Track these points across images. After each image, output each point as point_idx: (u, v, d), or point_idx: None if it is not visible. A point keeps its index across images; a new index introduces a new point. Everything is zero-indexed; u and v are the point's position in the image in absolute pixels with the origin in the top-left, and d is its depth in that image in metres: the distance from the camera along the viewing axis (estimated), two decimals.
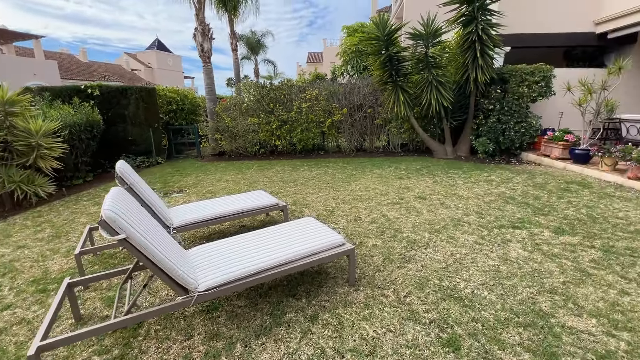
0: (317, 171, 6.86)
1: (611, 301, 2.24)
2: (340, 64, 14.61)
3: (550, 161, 6.93)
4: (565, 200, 4.51)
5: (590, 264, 2.78)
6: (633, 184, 5.00)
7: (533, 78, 7.21)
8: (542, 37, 8.35)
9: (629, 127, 7.25)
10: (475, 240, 3.26)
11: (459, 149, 8.22)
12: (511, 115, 7.44)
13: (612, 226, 3.58)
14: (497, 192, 4.98)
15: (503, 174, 6.13)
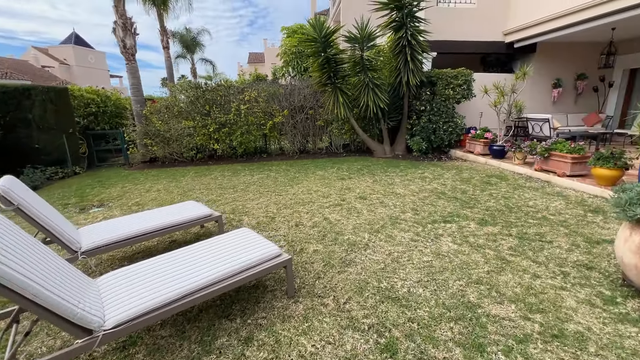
0: (259, 175, 6.63)
1: (526, 285, 2.46)
2: (282, 65, 14.46)
3: (474, 157, 7.63)
4: (487, 192, 4.96)
5: (508, 251, 3.05)
6: (539, 175, 5.71)
7: (457, 81, 7.87)
8: (462, 44, 9.18)
9: (534, 125, 8.33)
10: (411, 238, 3.39)
11: (396, 148, 8.64)
12: (440, 115, 8.04)
13: (525, 214, 4.02)
14: (430, 188, 5.29)
15: (435, 171, 6.57)
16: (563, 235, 3.39)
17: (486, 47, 9.37)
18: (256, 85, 8.80)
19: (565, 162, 5.27)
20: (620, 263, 2.27)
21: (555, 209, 4.15)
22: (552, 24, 7.85)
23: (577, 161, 5.21)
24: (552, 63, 9.54)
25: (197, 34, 25.49)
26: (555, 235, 3.37)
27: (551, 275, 2.60)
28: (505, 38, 9.27)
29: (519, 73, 6.67)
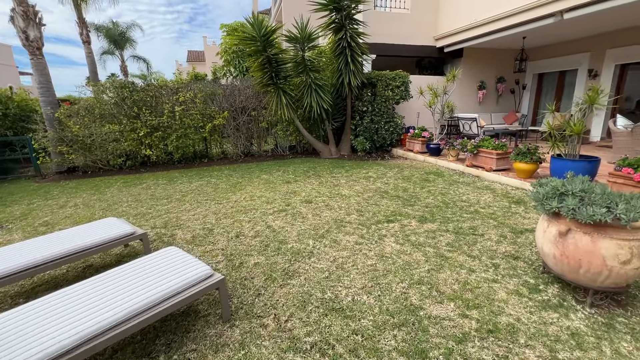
0: (199, 182, 6.15)
1: (463, 281, 2.55)
2: (222, 64, 13.76)
3: (414, 155, 8.02)
4: (426, 190, 5.19)
5: (446, 247, 3.16)
6: (470, 171, 6.17)
7: (395, 83, 8.19)
8: (399, 47, 9.60)
9: (464, 124, 9.02)
10: (355, 241, 3.34)
11: (341, 148, 8.72)
12: (381, 116, 8.29)
13: (459, 209, 4.26)
14: (374, 187, 5.38)
15: (379, 170, 6.73)
16: (492, 227, 3.63)
17: (420, 50, 9.93)
18: (192, 85, 8.20)
19: (492, 158, 5.75)
20: (541, 252, 2.45)
21: (485, 202, 4.47)
22: (473, 32, 8.58)
23: (501, 157, 5.72)
24: (477, 67, 10.46)
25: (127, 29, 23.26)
26: (486, 228, 3.60)
27: (484, 269, 2.73)
28: (436, 43, 9.93)
29: (449, 75, 7.15)
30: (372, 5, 9.20)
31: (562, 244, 2.20)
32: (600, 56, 8.79)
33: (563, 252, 2.20)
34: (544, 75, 10.77)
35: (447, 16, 9.50)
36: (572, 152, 4.47)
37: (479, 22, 8.26)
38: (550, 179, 2.46)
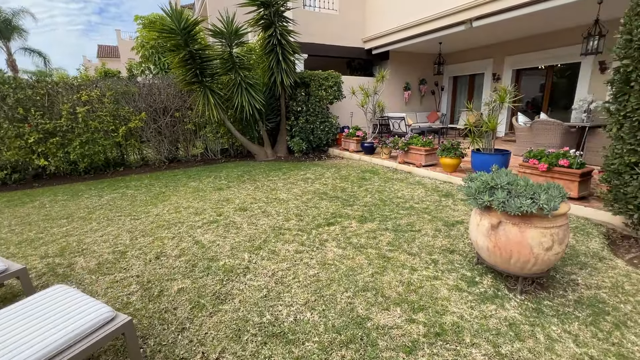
0: (111, 195, 5.25)
1: (406, 282, 2.49)
2: (140, 61, 12.28)
3: (350, 154, 8.11)
4: (363, 188, 5.20)
5: (387, 247, 3.12)
6: (402, 167, 6.42)
7: (328, 83, 8.18)
8: (330, 48, 9.66)
9: (393, 123, 9.47)
10: (296, 249, 3.10)
11: (278, 150, 8.41)
12: (316, 116, 8.21)
13: (396, 206, 4.32)
14: (312, 189, 5.21)
15: (317, 171, 6.61)
16: (427, 221, 3.73)
17: (350, 52, 10.15)
18: (100, 82, 7.04)
19: (421, 154, 6.06)
20: (475, 245, 2.51)
21: (419, 197, 4.63)
22: (396, 36, 9.03)
23: (429, 153, 6.05)
24: (402, 69, 11.10)
25: (13, 16, 19.51)
26: (422, 223, 3.68)
27: (425, 266, 2.73)
28: (365, 45, 10.26)
29: (378, 76, 7.38)
30: (301, 3, 9.07)
31: (494, 236, 2.27)
32: (501, 62, 10.04)
33: (496, 243, 2.26)
34: (458, 78, 11.94)
35: (373, 20, 9.87)
36: (489, 147, 4.90)
37: (401, 27, 8.73)
38: (480, 173, 2.54)
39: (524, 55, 9.30)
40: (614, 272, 2.56)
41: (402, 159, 6.51)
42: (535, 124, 6.11)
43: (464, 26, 7.18)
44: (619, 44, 2.65)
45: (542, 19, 7.09)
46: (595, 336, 1.90)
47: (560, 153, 4.05)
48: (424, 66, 11.59)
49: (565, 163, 3.90)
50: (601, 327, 1.97)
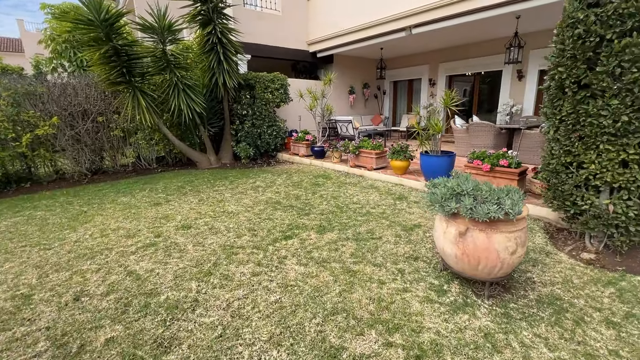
0: (12, 220, 4.26)
1: (377, 298, 2.33)
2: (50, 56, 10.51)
3: (300, 159, 7.89)
4: (318, 195, 5.01)
5: (351, 259, 2.95)
6: (354, 171, 6.40)
7: (274, 85, 7.86)
8: (275, 49, 9.34)
9: (341, 126, 9.50)
10: (252, 271, 2.76)
11: (222, 156, 7.83)
12: (263, 119, 7.83)
13: (353, 212, 4.21)
14: (264, 199, 4.86)
15: (267, 178, 6.24)
16: (386, 227, 3.67)
17: (295, 54, 9.95)
18: None
19: (372, 158, 6.09)
20: (442, 253, 2.46)
21: (374, 202, 4.59)
22: (339, 40, 9.08)
23: (379, 156, 6.11)
24: (347, 73, 11.24)
25: None
26: (381, 230, 3.60)
27: (392, 277, 2.61)
28: (310, 48, 10.15)
29: (325, 79, 7.29)
30: (241, 1, 8.60)
31: (462, 244, 2.22)
32: (436, 68, 10.75)
33: (464, 251, 2.22)
34: (398, 82, 12.52)
35: (316, 23, 9.81)
36: (436, 149, 5.08)
37: (344, 31, 8.79)
38: (443, 179, 2.50)
39: (456, 62, 10.07)
40: (561, 267, 2.73)
41: (354, 162, 6.49)
42: (471, 126, 6.57)
43: (405, 33, 7.47)
44: (554, 52, 2.86)
45: (470, 30, 7.70)
46: (562, 337, 1.93)
47: (499, 154, 4.33)
48: (367, 70, 11.91)
49: (505, 163, 4.18)
50: (565, 326, 2.02)
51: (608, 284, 2.44)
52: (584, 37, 2.60)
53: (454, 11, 6.33)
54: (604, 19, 2.48)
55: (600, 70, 2.55)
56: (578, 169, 2.92)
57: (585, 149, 2.80)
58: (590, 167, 2.78)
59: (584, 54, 2.63)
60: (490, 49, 9.05)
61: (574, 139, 2.85)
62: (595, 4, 2.55)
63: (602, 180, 2.74)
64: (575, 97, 2.76)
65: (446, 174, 5.01)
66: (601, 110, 2.62)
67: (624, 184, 2.65)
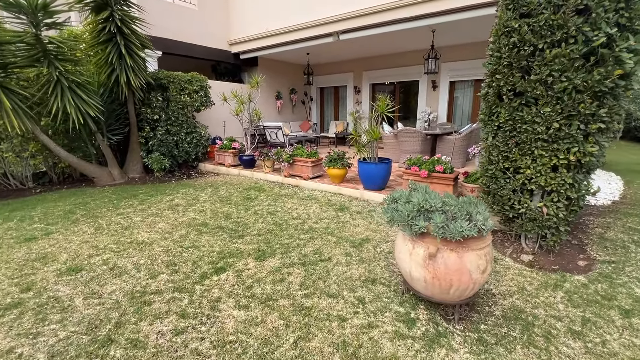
0: None
1: (341, 343, 1.91)
2: None
3: (226, 169, 7.08)
4: (252, 211, 4.40)
5: (301, 291, 2.48)
6: (289, 181, 5.94)
7: (192, 87, 6.92)
8: (192, 47, 8.30)
9: (270, 133, 8.98)
10: (174, 327, 2.07)
11: (129, 169, 6.52)
12: (180, 125, 6.81)
13: (294, 229, 3.74)
14: (187, 220, 4.04)
15: (188, 193, 5.33)
16: (334, 244, 3.30)
17: (215, 54, 9.05)
18: None
19: (307, 167, 5.72)
20: (407, 277, 2.18)
21: (316, 215, 4.20)
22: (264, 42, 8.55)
23: (315, 164, 5.79)
24: (273, 77, 10.75)
25: None
26: (329, 248, 3.22)
27: (353, 310, 2.23)
28: (232, 48, 9.37)
29: (252, 82, 6.70)
30: None
31: (432, 266, 1.96)
32: (360, 76, 11.06)
33: (435, 274, 1.96)
34: (324, 89, 12.55)
35: (239, 22, 9.10)
36: (373, 156, 4.97)
37: (270, 33, 8.32)
38: (401, 192, 2.23)
39: (379, 71, 10.50)
40: (512, 273, 2.73)
41: (288, 172, 6.03)
42: (400, 132, 6.76)
43: (332, 38, 7.37)
44: (491, 60, 2.90)
45: (393, 41, 8.04)
46: (540, 358, 1.80)
47: (435, 160, 4.40)
48: (294, 76, 11.62)
49: (440, 169, 4.24)
50: (538, 345, 1.90)
51: (556, 288, 2.49)
52: (519, 45, 2.66)
53: (377, 20, 6.43)
54: (536, 29, 2.55)
55: (534, 78, 2.63)
56: (514, 174, 3.01)
57: (522, 154, 2.88)
58: (526, 172, 2.87)
59: (519, 62, 2.69)
60: (410, 59, 9.64)
61: (512, 145, 2.92)
62: (527, 14, 2.62)
63: (537, 184, 2.85)
64: (511, 104, 2.82)
65: (383, 180, 4.94)
66: (535, 117, 2.71)
67: (555, 187, 2.78)
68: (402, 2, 5.96)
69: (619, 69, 2.36)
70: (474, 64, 8.69)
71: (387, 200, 2.24)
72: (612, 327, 2.04)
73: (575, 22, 2.38)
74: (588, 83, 2.43)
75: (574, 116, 2.57)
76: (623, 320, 2.11)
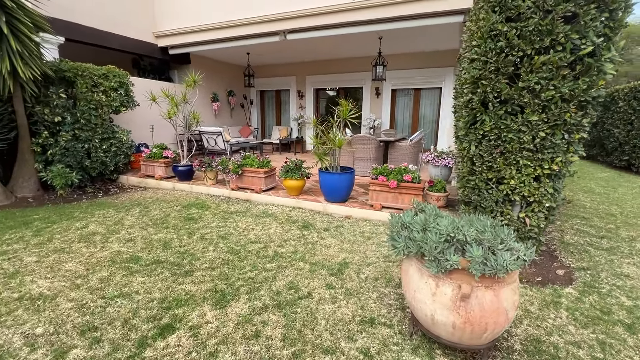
0: None
1: None
2: None
3: (157, 182, 5.95)
4: (198, 236, 3.59)
5: (287, 349, 1.89)
6: (238, 195, 5.18)
7: (109, 83, 5.65)
8: (106, 36, 6.88)
9: (208, 139, 7.98)
10: None
11: (18, 187, 4.98)
12: (93, 130, 5.49)
13: (256, 256, 3.10)
14: (108, 255, 3.06)
15: (107, 216, 4.20)
16: (309, 274, 2.77)
17: (137, 47, 7.69)
18: None
19: (260, 178, 5.06)
20: (426, 321, 1.77)
21: (278, 237, 3.60)
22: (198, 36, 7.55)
23: (268, 175, 5.15)
24: (208, 77, 9.68)
25: None
26: (305, 280, 2.67)
27: None
28: (158, 41, 8.10)
29: (189, 80, 5.75)
30: None
31: (464, 309, 1.58)
32: (303, 80, 10.69)
33: (467, 318, 1.58)
34: (265, 92, 11.86)
35: (168, 10, 7.90)
36: (335, 165, 4.57)
37: (205, 27, 7.37)
38: (409, 214, 1.82)
39: (323, 76, 10.27)
40: None
41: (236, 184, 5.26)
42: (355, 139, 6.53)
43: (279, 37, 6.82)
44: (476, 65, 2.72)
45: (340, 44, 7.85)
46: None
47: (402, 169, 4.18)
48: (231, 76, 10.69)
49: (409, 178, 4.04)
50: None
51: (556, 306, 2.36)
52: (507, 51, 2.52)
53: (329, 21, 6.11)
54: (525, 34, 2.43)
55: (521, 85, 2.51)
56: (497, 184, 2.88)
57: (506, 164, 2.76)
58: (511, 182, 2.75)
59: (506, 68, 2.55)
60: (355, 66, 9.61)
61: (496, 155, 2.78)
62: (514, 18, 2.49)
63: (520, 194, 2.76)
64: (497, 112, 2.68)
65: (347, 192, 4.57)
66: (522, 126, 2.60)
67: (537, 197, 2.71)
68: (356, 4, 5.74)
69: (602, 79, 2.35)
70: (413, 73, 9.04)
71: (394, 224, 1.81)
72: (628, 349, 1.94)
73: (564, 29, 2.30)
74: (575, 92, 2.38)
75: (558, 125, 2.51)
76: (631, 337, 2.04)
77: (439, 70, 8.72)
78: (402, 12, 5.50)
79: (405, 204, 4.09)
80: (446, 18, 5.37)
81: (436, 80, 8.85)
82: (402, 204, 4.10)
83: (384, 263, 3.02)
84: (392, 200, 4.16)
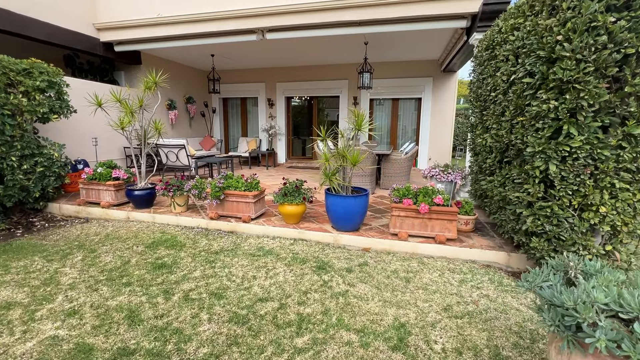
0: None
1: None
2: None
3: (105, 212, 4.60)
4: (179, 296, 2.52)
5: None
6: (219, 225, 4.11)
7: (33, 82, 4.24)
8: (29, 22, 5.34)
9: (168, 153, 6.70)
10: None
11: None
12: (9, 144, 4.03)
13: (273, 325, 2.17)
14: (33, 350, 1.89)
15: (31, 270, 2.89)
16: (363, 354, 1.93)
17: (74, 40, 6.18)
18: None
19: (247, 203, 4.06)
20: None
21: (294, 289, 2.69)
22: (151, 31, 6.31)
23: (258, 199, 4.18)
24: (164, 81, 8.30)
25: None
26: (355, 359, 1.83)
27: None
28: (101, 35, 6.64)
29: (148, 82, 4.57)
30: None
31: None
32: (273, 87, 9.80)
33: None
34: (229, 100, 10.71)
35: None
36: (347, 185, 3.78)
37: (162, 20, 6.17)
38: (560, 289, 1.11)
39: (296, 83, 9.50)
40: None
41: (216, 212, 4.18)
42: None
43: (256, 36, 5.91)
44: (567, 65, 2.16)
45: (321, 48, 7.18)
46: None
47: (429, 189, 3.54)
48: (190, 81, 9.41)
49: (440, 200, 3.40)
50: None
51: None
52: (610, 47, 2.00)
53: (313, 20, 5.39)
54: (637, 26, 1.93)
55: (628, 90, 2.00)
56: (581, 211, 2.34)
57: (596, 187, 2.23)
58: (601, 209, 2.22)
59: (609, 70, 2.02)
60: (331, 73, 9.01)
61: (585, 176, 2.23)
62: (623, 5, 1.98)
63: (611, 224, 2.24)
64: (589, 123, 2.14)
65: (362, 218, 3.80)
66: (622, 141, 2.09)
67: (632, 227, 2.22)
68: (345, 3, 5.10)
69: None
70: (392, 82, 8.70)
71: (532, 280, 1.08)
72: None
73: None
74: None
75: None
76: None
77: (419, 80, 8.48)
78: (402, 14, 5.01)
79: (435, 231, 3.43)
80: (448, 22, 4.98)
81: (415, 90, 8.60)
82: (432, 232, 3.45)
83: (449, 320, 2.29)
84: (419, 228, 3.48)
